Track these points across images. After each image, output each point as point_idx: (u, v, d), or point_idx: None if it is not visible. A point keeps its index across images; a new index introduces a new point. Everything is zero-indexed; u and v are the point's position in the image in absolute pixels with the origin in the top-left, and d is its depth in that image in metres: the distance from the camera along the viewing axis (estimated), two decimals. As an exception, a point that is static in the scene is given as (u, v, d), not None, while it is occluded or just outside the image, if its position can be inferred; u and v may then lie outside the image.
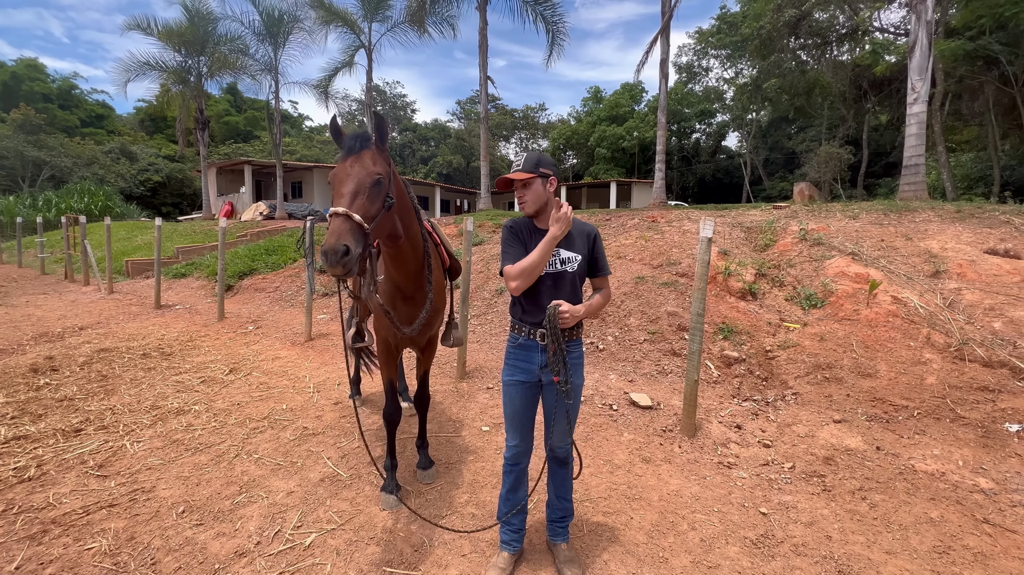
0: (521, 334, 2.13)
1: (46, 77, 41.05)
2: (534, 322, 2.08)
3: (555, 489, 2.29)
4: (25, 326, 6.93)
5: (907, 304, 4.64)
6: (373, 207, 1.96)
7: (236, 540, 2.39)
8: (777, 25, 16.96)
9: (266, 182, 26.40)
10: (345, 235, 1.81)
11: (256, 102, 52.62)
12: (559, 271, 2.08)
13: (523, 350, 2.13)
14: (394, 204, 2.09)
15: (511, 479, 2.23)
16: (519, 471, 2.22)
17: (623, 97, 36.79)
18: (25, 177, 31.90)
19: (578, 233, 2.13)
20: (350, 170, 1.97)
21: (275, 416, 3.89)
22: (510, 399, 2.17)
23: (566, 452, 2.23)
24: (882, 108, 20.92)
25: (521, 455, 2.20)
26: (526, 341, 2.11)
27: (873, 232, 6.19)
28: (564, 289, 2.07)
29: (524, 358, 2.12)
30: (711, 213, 8.51)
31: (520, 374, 2.13)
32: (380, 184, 2.00)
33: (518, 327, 2.15)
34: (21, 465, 3.03)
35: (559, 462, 2.25)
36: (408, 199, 2.41)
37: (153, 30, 18.68)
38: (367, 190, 1.95)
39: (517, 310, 2.16)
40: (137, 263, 12.17)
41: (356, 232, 1.85)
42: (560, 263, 2.08)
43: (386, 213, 2.04)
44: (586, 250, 2.12)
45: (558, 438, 2.18)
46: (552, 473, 2.28)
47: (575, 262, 2.08)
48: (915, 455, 3.20)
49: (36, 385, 4.48)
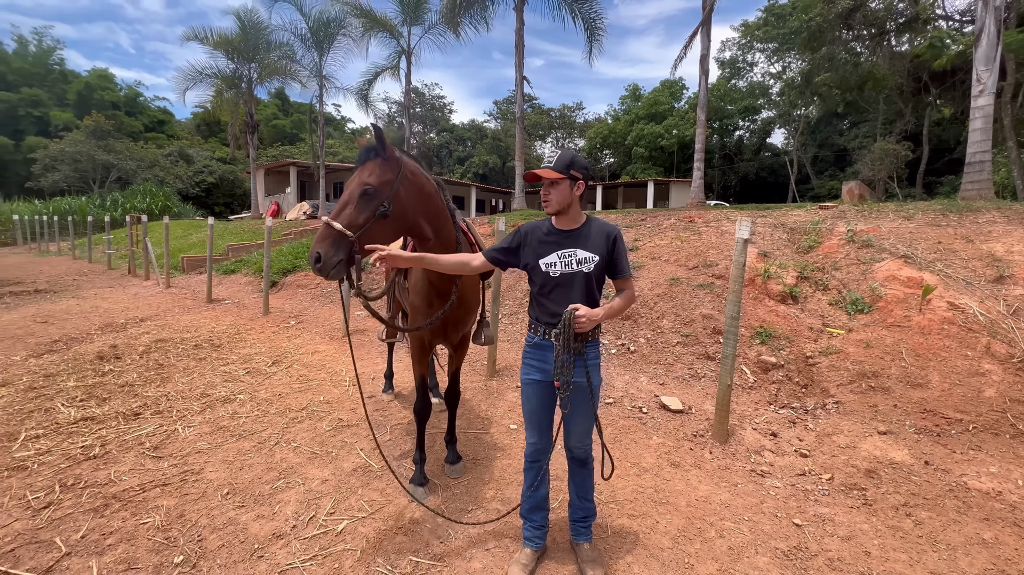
0: (537, 333, 2.14)
1: (115, 86, 44.30)
2: (549, 322, 2.08)
3: (576, 489, 2.29)
4: (93, 317, 7.52)
5: (965, 311, 4.34)
6: (360, 216, 2.06)
7: (274, 523, 2.52)
8: (829, 17, 16.14)
9: (310, 182, 27.46)
10: (321, 243, 1.97)
11: (302, 105, 54.74)
12: (574, 271, 2.05)
13: (539, 350, 2.14)
14: (390, 212, 2.13)
15: (532, 476, 2.25)
16: (540, 468, 2.24)
17: (662, 95, 36.01)
18: (95, 179, 34.51)
19: (597, 232, 2.10)
20: (350, 182, 2.15)
21: (313, 407, 4.07)
22: (527, 398, 2.19)
23: (584, 452, 2.21)
24: (945, 101, 19.55)
25: (540, 452, 2.22)
26: (541, 341, 2.12)
27: (929, 234, 5.82)
28: (579, 290, 2.05)
29: (540, 358, 2.13)
30: (751, 213, 8.22)
31: (536, 373, 2.14)
32: (369, 195, 2.09)
33: (534, 326, 2.16)
34: (88, 444, 3.31)
35: (578, 462, 2.25)
36: (438, 200, 2.47)
37: (209, 40, 19.82)
38: (356, 200, 2.07)
39: (533, 309, 2.17)
40: (192, 259, 12.94)
41: (337, 240, 1.98)
42: (576, 263, 2.05)
43: (379, 220, 2.11)
44: (605, 251, 2.07)
45: (575, 438, 2.18)
46: (572, 473, 2.28)
47: (592, 263, 2.05)
48: (968, 472, 3.00)
49: (102, 371, 4.86)
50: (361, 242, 2.06)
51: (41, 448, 3.24)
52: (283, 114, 57.40)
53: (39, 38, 44.65)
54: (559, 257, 2.07)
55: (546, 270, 2.08)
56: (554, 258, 2.07)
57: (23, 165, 35.86)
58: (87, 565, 2.18)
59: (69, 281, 11.65)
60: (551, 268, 2.07)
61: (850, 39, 18.43)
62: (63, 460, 3.09)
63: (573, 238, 2.09)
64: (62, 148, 33.19)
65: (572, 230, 2.11)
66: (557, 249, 2.08)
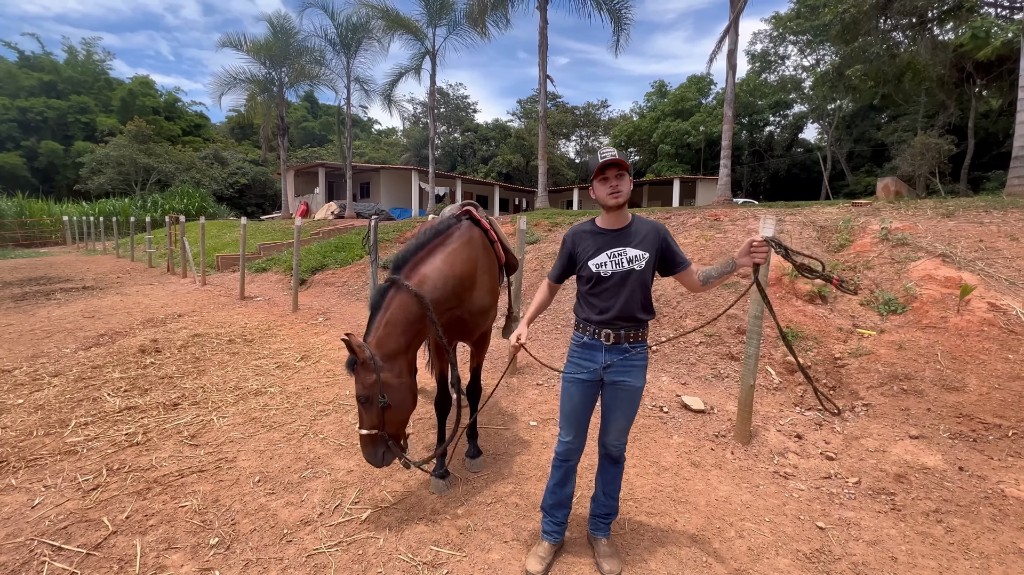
0: (586, 333, 2.13)
1: (155, 92, 46.23)
2: (599, 320, 2.07)
3: (604, 485, 2.30)
4: (135, 312, 7.92)
5: (1007, 312, 4.15)
6: (374, 417, 2.38)
7: (302, 510, 2.64)
8: (863, 8, 15.53)
9: (338, 183, 28.10)
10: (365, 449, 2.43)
11: (330, 108, 56.11)
12: (626, 270, 2.03)
13: (587, 349, 2.13)
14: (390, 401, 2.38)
15: (560, 474, 2.26)
16: (569, 467, 2.26)
17: (689, 90, 35.33)
18: (137, 181, 36.14)
19: (646, 230, 2.08)
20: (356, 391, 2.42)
21: (339, 401, 4.20)
22: (569, 396, 2.18)
23: (619, 450, 2.23)
24: (991, 92, 18.54)
25: (573, 452, 2.23)
26: (591, 340, 2.11)
27: (970, 231, 5.58)
28: (631, 289, 2.03)
29: (588, 357, 2.13)
30: (779, 211, 8.02)
31: (582, 372, 2.13)
32: (368, 400, 2.36)
33: (583, 326, 2.15)
34: (131, 431, 3.51)
35: (612, 459, 2.26)
36: (423, 311, 2.49)
37: (243, 46, 20.51)
38: (363, 408, 2.39)
39: (582, 309, 2.16)
40: (226, 258, 13.45)
41: (373, 441, 2.39)
42: (627, 262, 2.03)
43: (387, 409, 2.39)
44: (655, 247, 2.06)
45: (613, 436, 2.19)
46: (603, 470, 2.30)
47: (643, 259, 2.03)
48: (1006, 479, 2.88)
49: (144, 364, 5.13)
50: (390, 430, 2.42)
51: (90, 435, 3.45)
52: (312, 116, 58.90)
53: (88, 48, 47.04)
54: (609, 256, 2.06)
55: (596, 270, 2.06)
56: (604, 258, 2.06)
57: (72, 169, 37.86)
58: (131, 543, 2.33)
59: (113, 278, 12.27)
60: (602, 268, 2.06)
61: (888, 29, 17.68)
62: (109, 446, 3.29)
63: (621, 237, 2.08)
64: (107, 152, 34.90)
65: (620, 229, 2.09)
66: (606, 248, 2.07)
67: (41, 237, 28.07)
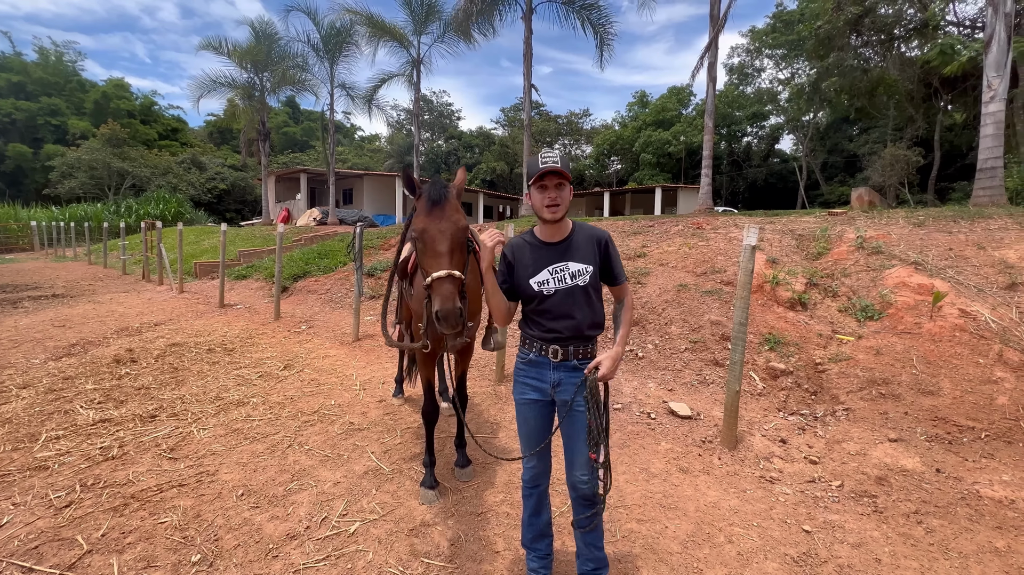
0: (532, 350, 1.97)
1: (130, 95, 45.14)
2: (544, 337, 1.93)
3: (583, 535, 2.00)
4: (109, 321, 7.67)
5: (977, 318, 4.31)
6: (462, 261, 2.10)
7: (288, 523, 2.57)
8: (837, 24, 16.13)
9: (320, 189, 27.78)
10: (454, 297, 1.97)
11: (312, 113, 55.60)
12: (569, 287, 1.90)
13: (534, 367, 1.98)
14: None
15: (533, 502, 2.11)
16: (540, 493, 2.10)
17: (670, 101, 36.05)
18: (111, 186, 35.16)
19: (586, 240, 1.94)
20: (437, 225, 2.09)
21: (324, 411, 4.13)
22: (524, 419, 2.03)
23: (591, 488, 1.92)
24: (956, 107, 19.38)
25: (540, 476, 2.09)
26: (537, 357, 1.96)
27: (940, 240, 5.79)
28: (577, 305, 1.90)
29: (535, 375, 1.98)
30: (759, 220, 8.22)
31: (532, 392, 1.99)
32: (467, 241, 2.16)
33: (528, 342, 1.99)
34: (106, 445, 3.38)
35: (585, 501, 1.95)
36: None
37: (224, 49, 20.24)
38: (461, 246, 2.12)
39: (527, 326, 2.01)
40: (204, 265, 13.14)
41: (459, 289, 2.03)
42: (570, 277, 1.90)
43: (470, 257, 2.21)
44: (597, 258, 1.93)
45: (580, 470, 1.92)
46: (579, 514, 1.99)
47: (586, 274, 1.90)
48: (981, 480, 2.98)
49: (118, 374, 4.96)
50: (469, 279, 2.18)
51: (61, 449, 3.32)
52: (294, 122, 58.22)
53: (59, 49, 45.74)
54: (550, 273, 1.91)
55: (539, 289, 1.92)
56: (545, 275, 1.92)
57: (41, 172, 36.65)
58: (108, 562, 2.24)
59: (85, 286, 11.87)
60: (544, 286, 1.91)
61: (859, 45, 18.37)
62: (83, 460, 3.17)
63: (562, 250, 1.94)
64: (79, 156, 33.89)
65: (560, 242, 1.95)
66: (547, 264, 1.92)
67: (7, 243, 27.05)
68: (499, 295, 1.97)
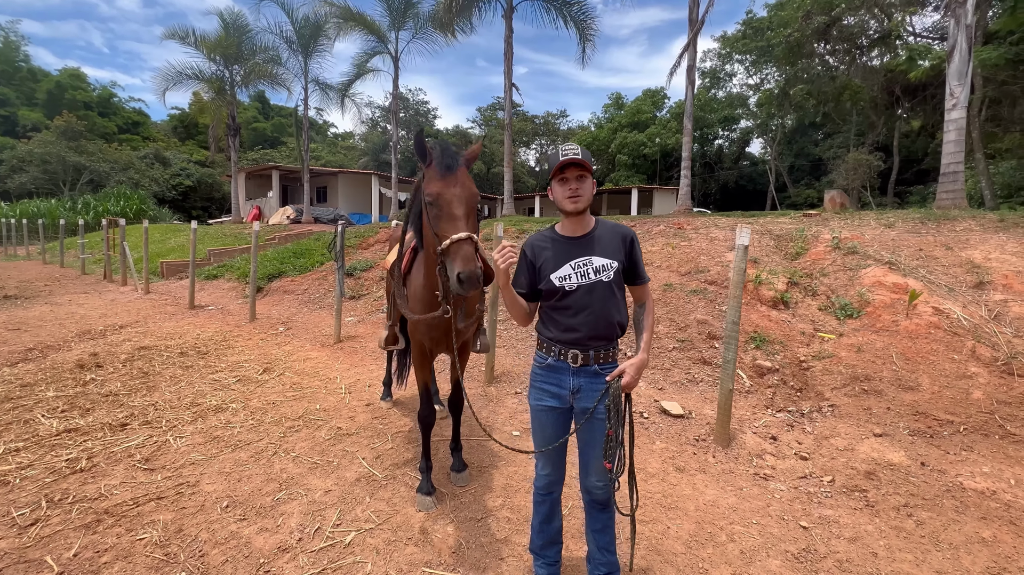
0: (550, 354, 1.89)
1: (87, 86, 42.98)
2: (563, 339, 1.86)
3: (596, 539, 1.98)
4: (69, 324, 7.23)
5: (949, 316, 4.49)
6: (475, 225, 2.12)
7: (279, 536, 2.44)
8: (806, 32, 16.69)
9: (292, 187, 27.04)
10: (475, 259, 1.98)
11: (283, 109, 54.10)
12: (592, 282, 1.83)
13: (552, 372, 1.90)
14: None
15: (545, 509, 2.05)
16: (552, 500, 2.05)
17: (645, 104, 36.61)
18: (66, 181, 33.35)
19: (612, 236, 1.89)
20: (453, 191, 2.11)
21: (309, 416, 3.97)
22: (540, 426, 1.96)
23: (606, 493, 1.90)
24: (915, 114, 20.35)
25: (554, 484, 2.03)
26: (556, 362, 1.89)
27: (911, 241, 6.02)
28: (600, 301, 1.83)
29: (554, 381, 1.90)
30: (737, 220, 8.39)
31: (550, 399, 1.91)
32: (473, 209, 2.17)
33: (546, 346, 1.91)
34: (73, 457, 3.16)
35: (600, 505, 1.94)
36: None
37: (191, 40, 19.45)
38: (474, 211, 2.16)
39: (546, 327, 1.93)
40: (171, 264, 12.58)
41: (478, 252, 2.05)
42: (593, 272, 1.84)
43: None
44: (622, 255, 1.87)
45: (596, 476, 1.89)
46: (592, 519, 1.98)
47: (610, 270, 1.84)
48: (963, 472, 3.09)
49: (83, 380, 4.66)
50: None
51: (22, 462, 3.08)
52: (264, 117, 56.51)
53: (5, 34, 43.08)
54: (573, 268, 1.85)
55: (560, 284, 1.85)
56: (567, 270, 1.85)
57: (-12, 166, 34.51)
58: (83, 585, 2.07)
59: (40, 287, 11.19)
60: (566, 282, 1.85)
61: (826, 53, 19.08)
62: (47, 474, 2.95)
63: (585, 244, 1.88)
64: (30, 149, 32.04)
65: (583, 236, 1.89)
66: (569, 259, 1.86)
67: (-50, 241, 25.30)
68: (519, 305, 1.93)
